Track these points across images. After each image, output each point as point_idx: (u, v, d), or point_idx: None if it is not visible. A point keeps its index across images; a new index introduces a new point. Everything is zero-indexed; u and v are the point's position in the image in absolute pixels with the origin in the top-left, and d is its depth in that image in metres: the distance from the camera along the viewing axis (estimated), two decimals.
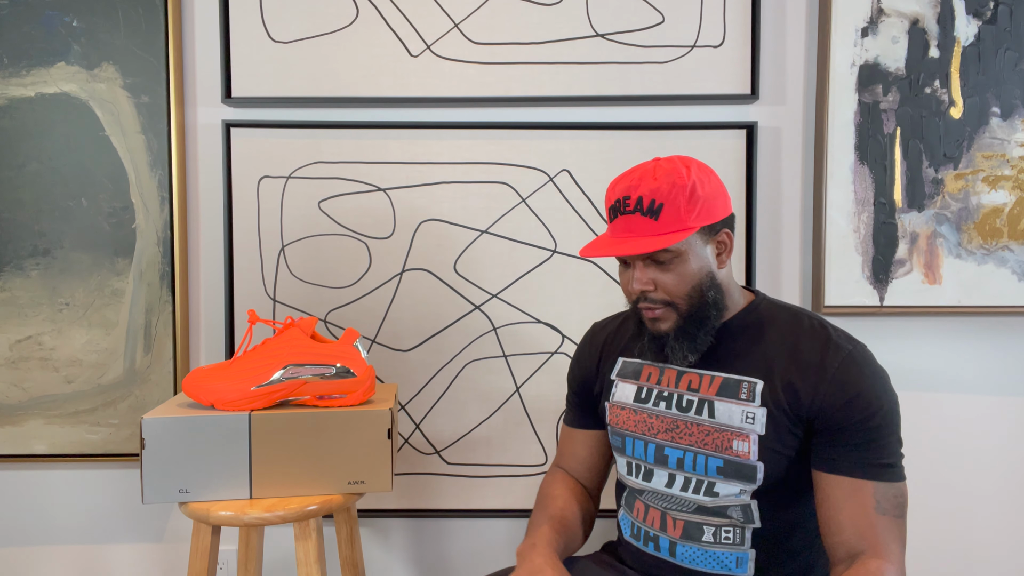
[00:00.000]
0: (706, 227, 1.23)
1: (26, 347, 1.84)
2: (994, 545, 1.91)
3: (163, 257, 1.84)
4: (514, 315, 1.87)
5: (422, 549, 1.94)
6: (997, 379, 1.89)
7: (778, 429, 1.21)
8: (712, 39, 1.82)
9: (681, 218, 1.19)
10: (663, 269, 1.23)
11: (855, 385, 1.17)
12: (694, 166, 1.23)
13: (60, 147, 1.82)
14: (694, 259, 1.22)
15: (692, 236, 1.22)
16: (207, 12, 1.84)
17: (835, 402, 1.17)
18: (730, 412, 1.23)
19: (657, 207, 1.19)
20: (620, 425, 1.36)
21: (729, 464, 1.23)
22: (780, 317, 1.29)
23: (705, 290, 1.24)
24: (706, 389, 1.27)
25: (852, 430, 1.16)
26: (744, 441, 1.22)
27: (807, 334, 1.24)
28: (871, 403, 1.17)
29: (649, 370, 1.35)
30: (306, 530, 1.39)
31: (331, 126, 1.84)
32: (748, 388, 1.24)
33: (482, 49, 1.83)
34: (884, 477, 1.15)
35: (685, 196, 1.19)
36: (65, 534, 1.92)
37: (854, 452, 1.16)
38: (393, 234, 1.86)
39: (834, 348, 1.21)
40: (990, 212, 1.80)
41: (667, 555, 1.29)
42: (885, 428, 1.17)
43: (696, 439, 1.26)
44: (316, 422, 1.41)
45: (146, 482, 1.37)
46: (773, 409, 1.21)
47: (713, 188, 1.23)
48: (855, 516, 1.14)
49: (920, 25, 1.79)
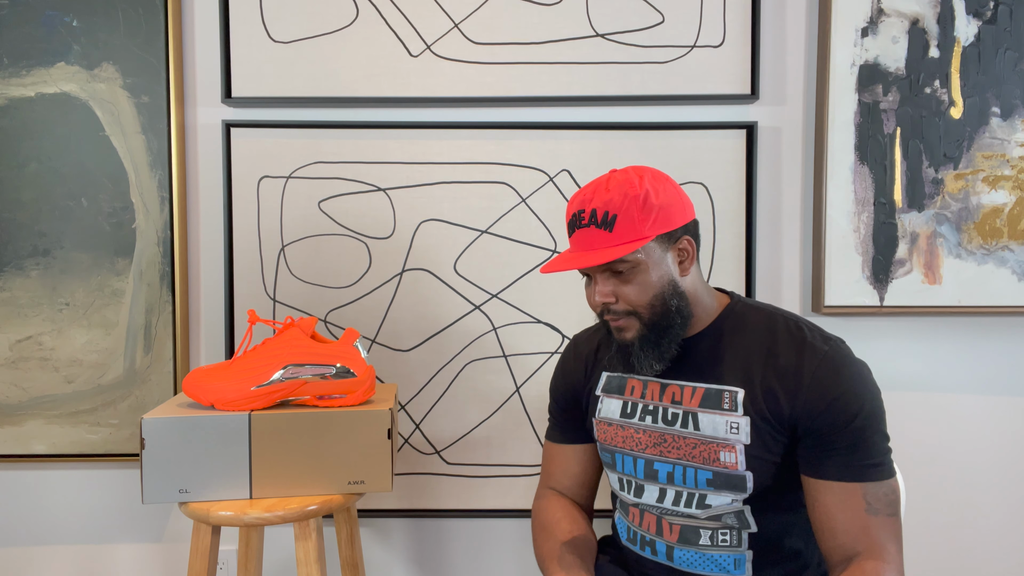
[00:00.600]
0: (664, 235, 1.21)
1: (26, 347, 1.84)
2: (993, 545, 1.91)
3: (163, 257, 1.84)
4: (514, 315, 1.87)
5: (422, 549, 1.94)
6: (997, 379, 1.89)
7: (762, 437, 1.20)
8: (712, 39, 1.82)
9: (636, 228, 1.18)
10: (623, 280, 1.22)
11: (834, 387, 1.17)
12: (648, 175, 1.22)
13: (60, 147, 1.82)
14: (654, 268, 1.21)
15: (649, 245, 1.20)
16: (207, 12, 1.84)
17: (816, 407, 1.17)
18: (714, 424, 1.23)
19: (611, 219, 1.18)
20: (608, 441, 1.35)
21: (718, 475, 1.23)
22: (755, 320, 1.28)
23: (668, 298, 1.23)
24: (689, 401, 1.26)
25: (836, 434, 1.16)
26: (730, 452, 1.21)
27: (783, 337, 1.23)
28: (851, 404, 1.16)
29: (633, 383, 1.34)
30: (306, 530, 1.39)
31: (331, 126, 1.84)
32: (730, 397, 1.23)
33: (482, 49, 1.83)
34: (873, 477, 1.15)
35: (638, 206, 1.18)
36: (65, 534, 1.92)
37: (840, 456, 1.16)
38: (393, 234, 1.86)
39: (810, 350, 1.20)
40: (990, 212, 1.80)
41: (665, 559, 1.29)
42: (869, 428, 1.16)
43: (684, 452, 1.25)
44: (316, 422, 1.41)
45: (146, 482, 1.38)
46: (756, 418, 1.20)
47: (668, 196, 1.21)
48: (847, 520, 1.14)
49: (920, 25, 1.79)
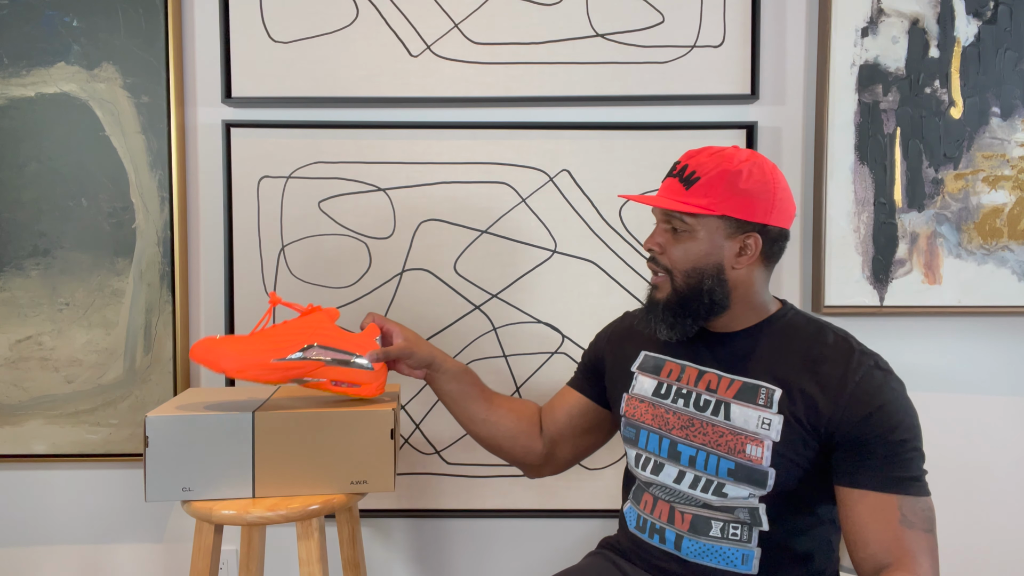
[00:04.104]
0: (732, 220, 1.22)
1: (26, 347, 1.84)
2: (994, 545, 1.92)
3: (163, 257, 1.84)
4: (514, 315, 1.87)
5: (423, 549, 1.95)
6: (997, 379, 1.89)
7: (792, 438, 1.20)
8: (712, 39, 1.83)
9: (708, 198, 1.21)
10: (675, 238, 1.26)
11: (878, 398, 1.16)
12: (758, 165, 1.23)
13: (60, 147, 1.82)
14: (705, 242, 1.23)
15: (712, 220, 1.23)
16: (207, 12, 1.84)
17: (856, 415, 1.16)
18: (746, 416, 1.23)
19: (693, 179, 1.22)
20: (637, 417, 1.36)
21: (740, 467, 1.22)
22: (805, 328, 1.28)
23: (704, 278, 1.24)
24: (724, 391, 1.27)
25: (874, 443, 1.15)
26: (758, 446, 1.21)
27: (830, 347, 1.23)
28: (893, 416, 1.15)
29: (671, 366, 1.35)
30: (308, 529, 1.39)
31: (331, 126, 1.84)
32: (766, 394, 1.23)
33: (482, 49, 1.83)
34: (909, 491, 1.13)
35: (724, 180, 1.21)
36: (65, 534, 1.92)
37: (877, 466, 1.15)
38: (393, 234, 1.86)
39: (856, 362, 1.20)
40: (990, 212, 1.81)
41: (672, 548, 1.29)
42: (908, 443, 1.15)
43: (710, 439, 1.25)
44: (320, 422, 1.41)
45: (149, 480, 1.37)
46: (790, 417, 1.20)
47: (759, 190, 1.22)
48: (880, 530, 1.12)
49: (920, 25, 1.79)
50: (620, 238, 1.85)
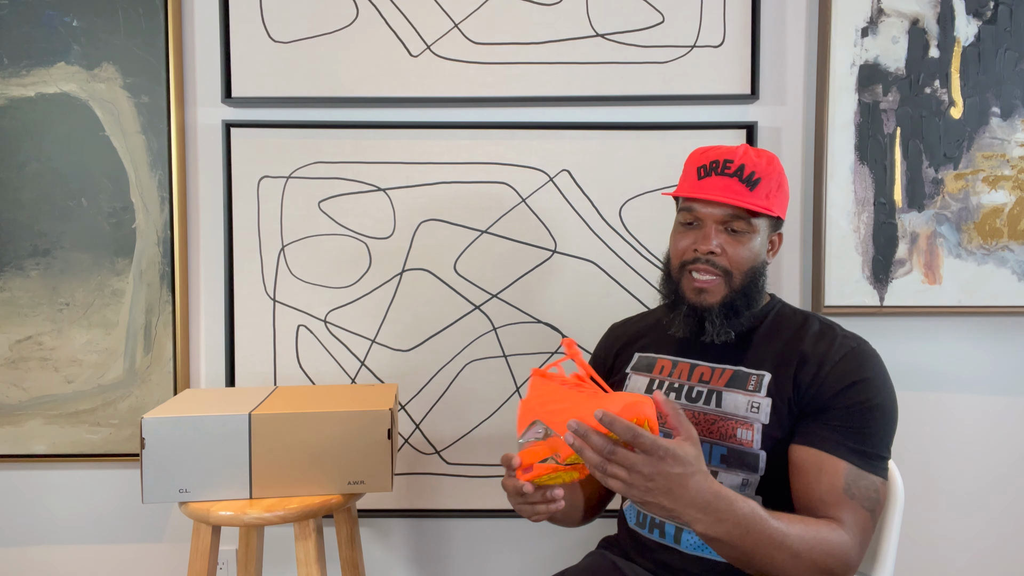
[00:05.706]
0: (775, 219, 1.30)
1: (26, 347, 1.84)
2: (994, 545, 1.91)
3: (163, 257, 1.84)
4: (514, 315, 1.87)
5: (422, 549, 1.94)
6: (997, 379, 1.89)
7: (781, 420, 1.23)
8: (712, 39, 1.82)
9: (769, 198, 1.26)
10: (734, 239, 1.27)
11: (855, 374, 1.20)
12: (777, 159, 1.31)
13: (60, 147, 1.82)
14: (760, 241, 1.29)
15: (765, 218, 1.28)
16: (207, 12, 1.84)
17: (833, 388, 1.20)
18: (736, 402, 1.26)
19: (756, 179, 1.25)
20: None
21: (732, 452, 1.24)
22: (792, 318, 1.33)
23: (757, 274, 1.29)
24: (716, 380, 1.30)
25: (838, 411, 1.18)
26: (748, 430, 1.23)
27: (815, 334, 1.28)
28: (866, 391, 1.19)
29: (662, 363, 1.37)
30: (306, 530, 1.39)
31: (331, 126, 1.84)
32: (756, 380, 1.26)
33: (482, 49, 1.83)
34: (858, 463, 1.16)
35: (776, 182, 1.27)
36: (65, 534, 1.92)
37: (834, 429, 1.18)
38: (393, 234, 1.86)
39: (840, 343, 1.25)
40: (990, 212, 1.80)
41: (672, 542, 1.30)
42: (874, 420, 1.18)
43: (702, 429, 1.27)
44: (316, 422, 1.41)
45: (146, 482, 1.38)
46: (778, 400, 1.23)
47: (786, 187, 1.32)
48: (824, 491, 1.15)
49: (920, 25, 1.79)
50: (620, 238, 1.85)
